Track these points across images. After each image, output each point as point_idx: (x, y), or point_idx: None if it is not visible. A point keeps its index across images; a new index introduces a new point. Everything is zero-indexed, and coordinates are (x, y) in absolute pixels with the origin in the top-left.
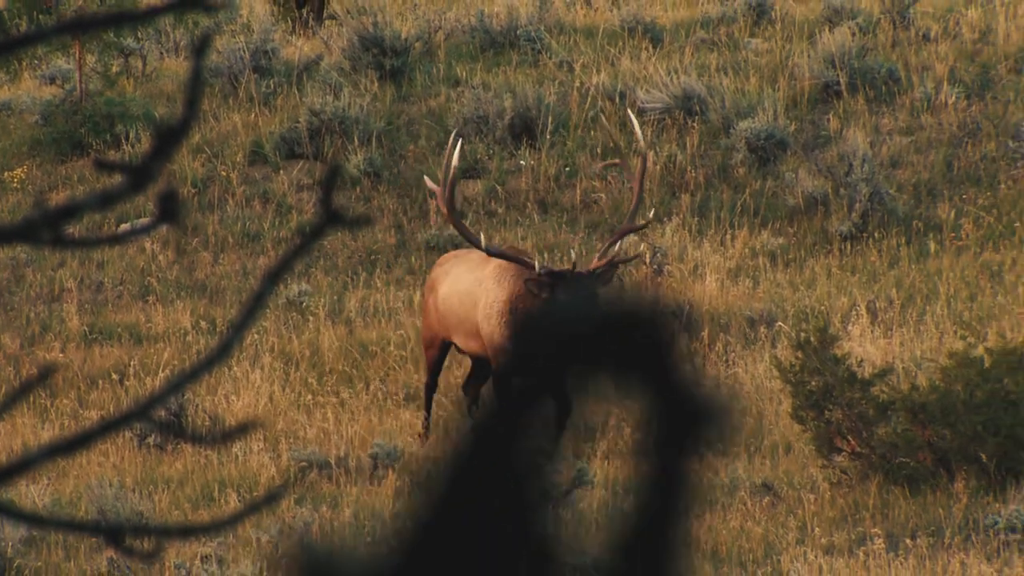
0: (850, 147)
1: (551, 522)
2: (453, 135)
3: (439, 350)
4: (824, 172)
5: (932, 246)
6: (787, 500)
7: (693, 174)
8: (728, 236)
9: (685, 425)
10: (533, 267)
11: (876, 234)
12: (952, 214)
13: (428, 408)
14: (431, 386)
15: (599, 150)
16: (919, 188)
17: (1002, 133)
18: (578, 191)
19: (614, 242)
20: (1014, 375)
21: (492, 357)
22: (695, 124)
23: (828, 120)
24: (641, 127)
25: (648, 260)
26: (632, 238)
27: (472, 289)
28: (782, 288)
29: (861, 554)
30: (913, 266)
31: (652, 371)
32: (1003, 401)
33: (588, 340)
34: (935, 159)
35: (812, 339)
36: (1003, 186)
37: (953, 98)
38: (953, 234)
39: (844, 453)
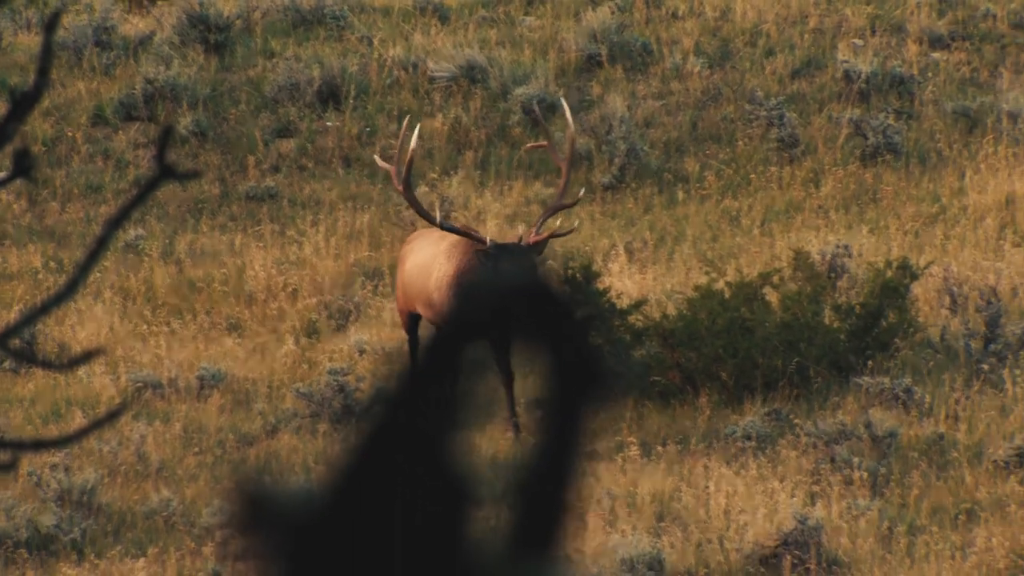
0: (610, 110)
1: (465, 462)
2: (407, 120)
3: (410, 321)
4: (588, 131)
5: (680, 195)
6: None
7: (476, 133)
8: (506, 187)
9: (586, 383)
10: (483, 240)
11: (632, 184)
12: (697, 167)
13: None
14: (412, 347)
15: (395, 113)
16: (669, 145)
17: (740, 98)
18: (377, 148)
19: (546, 217)
20: (750, 305)
21: (439, 324)
22: (477, 90)
23: (591, 87)
24: (431, 93)
25: (437, 208)
26: (424, 188)
27: (428, 262)
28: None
29: (619, 459)
30: (664, 212)
31: (561, 337)
32: (741, 328)
33: (518, 308)
34: (683, 120)
35: (577, 275)
36: (740, 143)
37: (698, 68)
38: (698, 184)
39: None
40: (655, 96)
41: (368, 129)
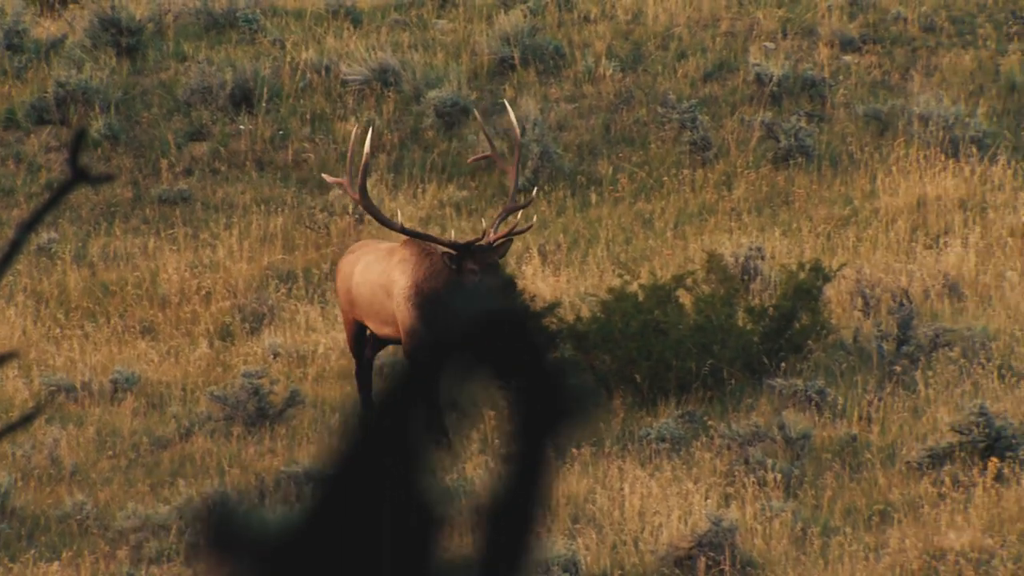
0: (523, 113)
1: (434, 486)
2: (363, 125)
3: (355, 330)
4: (501, 134)
5: (593, 197)
6: (471, 416)
7: (390, 136)
8: (420, 190)
9: (552, 412)
10: (444, 243)
11: (546, 187)
12: (610, 170)
13: (361, 386)
14: (360, 370)
15: (308, 116)
16: (582, 148)
17: (652, 101)
18: (290, 151)
19: (502, 218)
20: (663, 307)
21: (404, 340)
22: (391, 93)
23: (504, 90)
24: (344, 96)
25: (351, 211)
26: (337, 192)
27: (381, 280)
28: (465, 234)
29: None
30: (577, 215)
31: (529, 363)
32: (654, 330)
33: (489, 323)
34: (595, 123)
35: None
36: (653, 146)
37: (610, 71)
38: (611, 187)
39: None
40: (568, 99)
41: (281, 132)
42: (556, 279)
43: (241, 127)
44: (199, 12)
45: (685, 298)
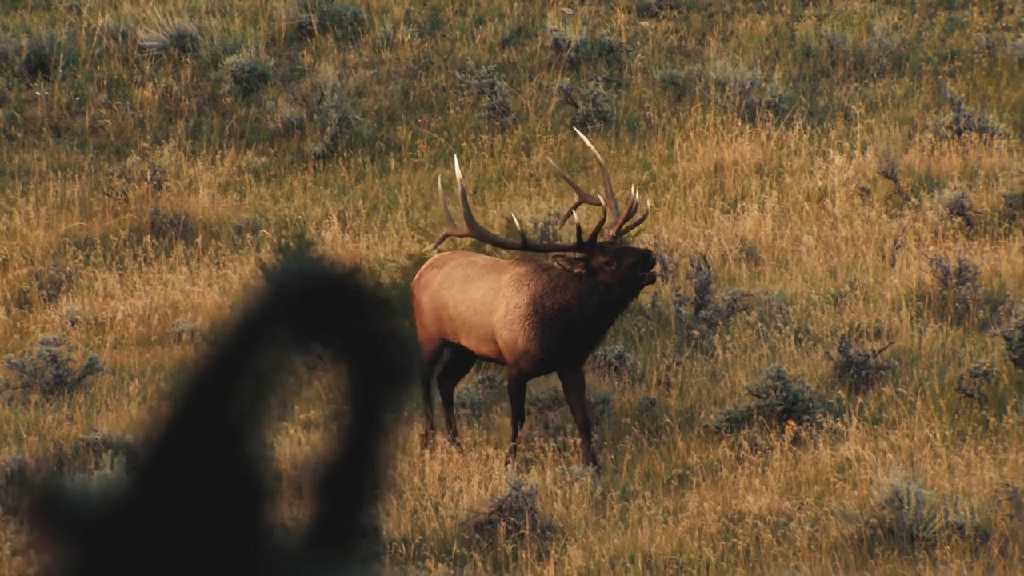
0: (321, 79)
1: (263, 458)
2: (438, 182)
3: (437, 348)
4: (300, 100)
5: (392, 163)
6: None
7: (187, 102)
8: (218, 156)
9: (386, 380)
10: (567, 248)
11: (345, 153)
12: (409, 136)
13: (427, 405)
14: (426, 382)
15: (105, 82)
16: (381, 114)
17: (451, 66)
18: (87, 118)
19: (618, 237)
20: None
21: (512, 360)
22: (188, 59)
23: (303, 56)
24: (141, 62)
25: (149, 178)
26: (136, 158)
27: (487, 297)
28: (265, 200)
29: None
30: (376, 180)
31: (361, 335)
32: None
33: (312, 308)
34: (394, 89)
35: (291, 244)
36: (452, 112)
37: (409, 36)
38: (410, 153)
39: None
40: (366, 65)
41: (78, 99)
42: (356, 245)
43: (37, 93)
44: None
45: None
